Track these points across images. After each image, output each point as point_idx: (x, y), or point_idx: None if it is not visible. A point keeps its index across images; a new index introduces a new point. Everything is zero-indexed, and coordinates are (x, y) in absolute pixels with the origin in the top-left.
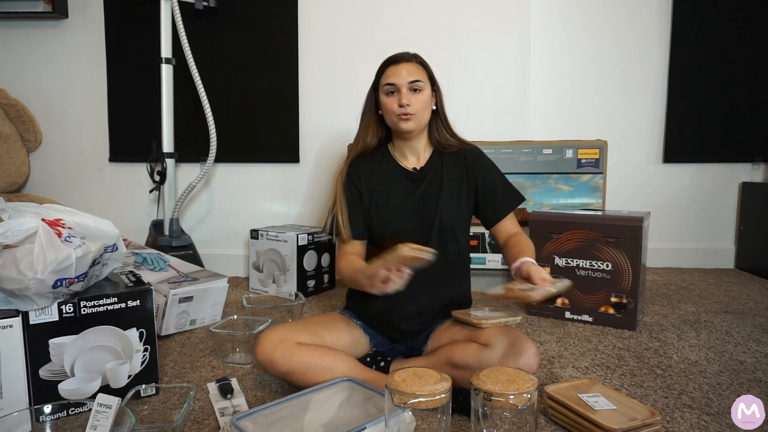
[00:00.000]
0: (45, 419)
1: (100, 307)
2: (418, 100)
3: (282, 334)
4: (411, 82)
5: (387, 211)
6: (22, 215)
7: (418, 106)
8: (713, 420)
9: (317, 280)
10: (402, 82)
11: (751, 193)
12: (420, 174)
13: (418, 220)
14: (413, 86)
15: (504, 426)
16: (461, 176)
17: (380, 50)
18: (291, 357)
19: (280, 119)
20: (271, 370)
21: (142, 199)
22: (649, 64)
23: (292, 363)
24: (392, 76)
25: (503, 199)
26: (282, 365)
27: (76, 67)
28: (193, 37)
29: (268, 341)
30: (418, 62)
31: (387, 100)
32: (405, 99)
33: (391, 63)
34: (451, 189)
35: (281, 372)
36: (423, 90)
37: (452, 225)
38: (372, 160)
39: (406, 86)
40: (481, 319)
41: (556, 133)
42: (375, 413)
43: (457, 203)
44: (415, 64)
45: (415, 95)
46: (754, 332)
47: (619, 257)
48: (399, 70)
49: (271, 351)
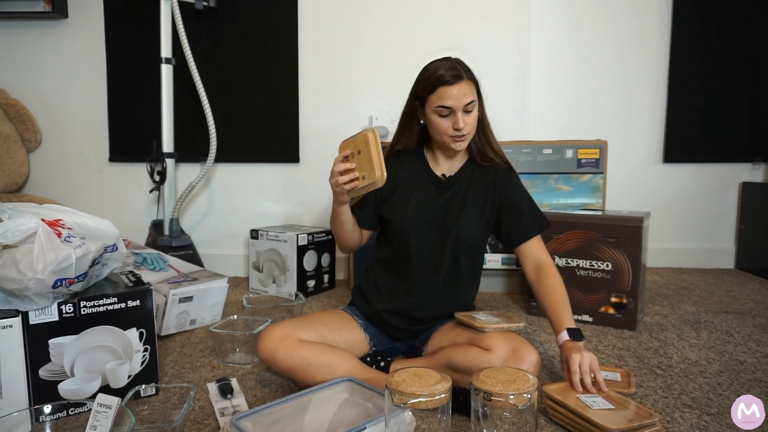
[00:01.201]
0: (45, 419)
1: (100, 307)
2: (471, 119)
3: (284, 331)
4: (466, 104)
5: (407, 210)
6: (22, 215)
7: (471, 126)
8: (713, 420)
9: (317, 280)
10: (458, 105)
11: (751, 193)
12: (447, 182)
13: (435, 226)
14: (467, 107)
15: (504, 426)
16: (488, 190)
17: (380, 50)
18: (292, 354)
19: (280, 119)
20: (273, 366)
21: (142, 199)
22: (649, 64)
23: (293, 360)
24: (447, 99)
25: (529, 220)
26: (283, 362)
27: (76, 67)
28: (193, 37)
29: (270, 338)
30: (469, 78)
31: (439, 120)
32: (461, 122)
33: (444, 83)
34: (476, 201)
35: (282, 369)
36: (473, 109)
37: (469, 235)
38: (402, 159)
39: (461, 109)
40: (484, 323)
41: (556, 133)
42: (375, 413)
43: (479, 215)
44: (468, 83)
45: (469, 115)
46: (754, 332)
47: (619, 257)
48: (453, 92)
49: (273, 348)
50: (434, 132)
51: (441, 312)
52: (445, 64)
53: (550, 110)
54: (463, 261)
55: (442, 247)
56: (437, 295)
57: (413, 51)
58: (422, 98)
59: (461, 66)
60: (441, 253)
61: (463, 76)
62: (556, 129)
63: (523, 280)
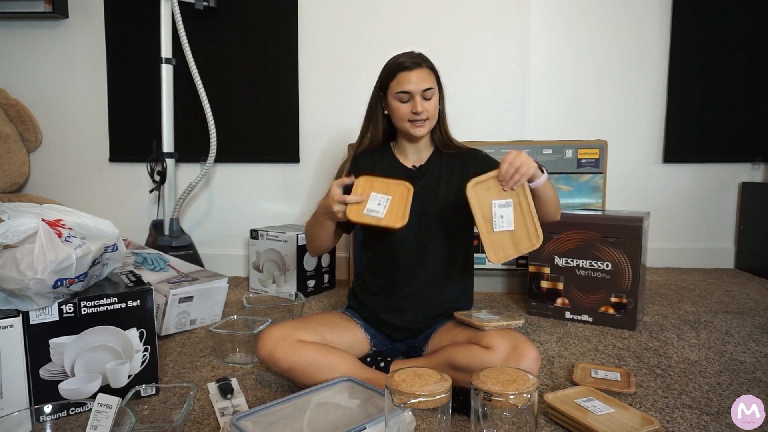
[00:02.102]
0: (45, 419)
1: (100, 307)
2: (431, 106)
3: (284, 332)
4: (425, 90)
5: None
6: (22, 215)
7: (430, 113)
8: (713, 420)
9: (317, 280)
10: (416, 90)
11: (751, 193)
12: (419, 171)
13: (415, 215)
14: (426, 94)
15: (504, 426)
16: (462, 173)
17: (380, 50)
18: (292, 354)
19: (280, 119)
20: (273, 366)
21: (142, 199)
22: (649, 64)
23: (293, 359)
24: (405, 83)
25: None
26: (283, 362)
27: (76, 67)
28: (193, 37)
29: (270, 338)
30: (428, 67)
31: (399, 106)
32: (420, 106)
33: (403, 69)
34: (450, 185)
35: (282, 369)
36: (432, 96)
37: (450, 219)
38: (372, 157)
39: (419, 94)
40: (483, 321)
41: (556, 133)
42: (375, 413)
43: (454, 198)
44: (426, 70)
45: (428, 101)
46: (754, 332)
47: (619, 257)
48: (412, 77)
49: (272, 348)
50: (396, 118)
51: (435, 306)
52: (407, 53)
53: (550, 110)
54: (448, 249)
55: (425, 235)
56: (427, 287)
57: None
58: (385, 86)
59: (422, 57)
60: (425, 241)
61: (422, 63)
62: (556, 129)
63: (523, 280)
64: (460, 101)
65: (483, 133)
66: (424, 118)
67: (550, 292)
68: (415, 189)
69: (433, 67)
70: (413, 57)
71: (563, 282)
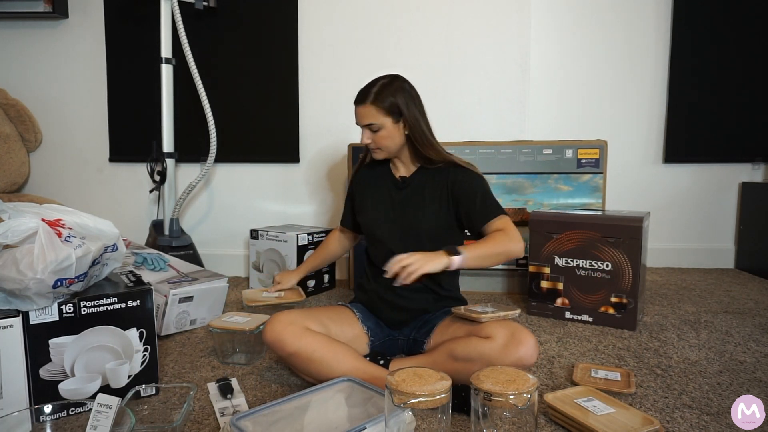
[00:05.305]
0: (45, 419)
1: (100, 307)
2: (379, 138)
3: (292, 317)
4: (365, 126)
5: (373, 211)
6: (22, 215)
7: (379, 143)
8: (713, 420)
9: (317, 280)
10: (360, 123)
11: (751, 193)
12: (403, 182)
13: (397, 222)
14: (369, 128)
15: (504, 426)
16: (443, 187)
17: (381, 50)
18: (300, 338)
19: (280, 119)
20: (279, 350)
21: (142, 199)
22: (649, 64)
23: (300, 344)
24: (355, 116)
25: (481, 210)
26: (290, 345)
27: (76, 67)
28: (193, 37)
29: (279, 322)
30: (371, 103)
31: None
32: (366, 139)
33: (355, 102)
34: (432, 197)
35: (288, 352)
36: (381, 128)
37: (430, 228)
38: (374, 169)
39: (364, 127)
40: (480, 314)
41: (556, 133)
42: (375, 413)
43: (437, 208)
44: (368, 107)
45: (375, 134)
46: (754, 332)
47: (619, 257)
48: (357, 112)
49: (281, 330)
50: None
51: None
52: (367, 84)
53: (550, 110)
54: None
55: (406, 237)
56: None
57: (414, 51)
58: None
59: (374, 89)
60: (405, 243)
61: (365, 100)
62: (555, 129)
63: (523, 280)
64: (460, 101)
65: (483, 133)
66: (372, 148)
67: (550, 292)
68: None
69: (378, 101)
70: (362, 92)
71: (563, 282)
